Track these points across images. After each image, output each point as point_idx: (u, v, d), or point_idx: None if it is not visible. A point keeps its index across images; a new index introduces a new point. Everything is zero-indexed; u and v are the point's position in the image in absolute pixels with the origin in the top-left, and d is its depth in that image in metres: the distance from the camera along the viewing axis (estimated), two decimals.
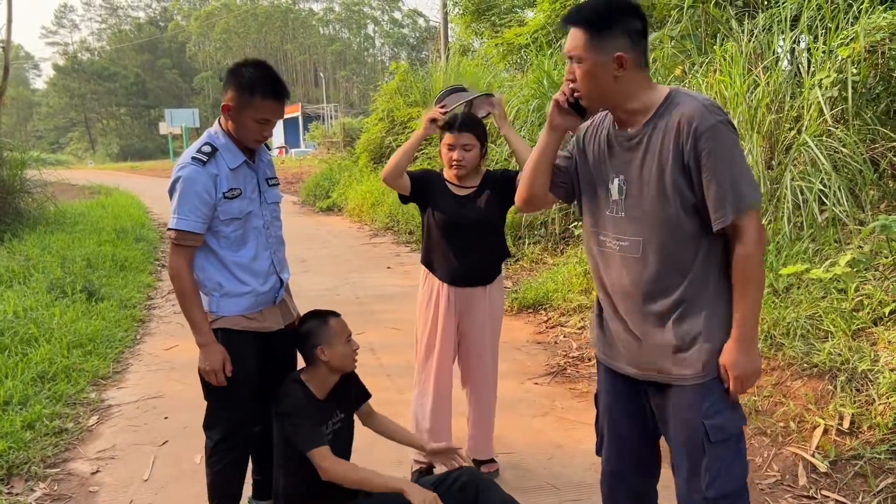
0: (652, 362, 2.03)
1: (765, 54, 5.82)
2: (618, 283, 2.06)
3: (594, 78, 1.92)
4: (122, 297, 7.11)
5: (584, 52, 1.91)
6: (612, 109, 2.02)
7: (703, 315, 1.95)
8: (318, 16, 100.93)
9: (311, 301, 7.07)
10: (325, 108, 51.79)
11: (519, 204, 2.26)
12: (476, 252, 3.28)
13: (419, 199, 3.34)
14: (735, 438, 2.00)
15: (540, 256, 7.96)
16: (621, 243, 2.02)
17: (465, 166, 3.22)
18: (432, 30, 70.99)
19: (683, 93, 1.95)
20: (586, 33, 1.90)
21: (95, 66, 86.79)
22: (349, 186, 15.57)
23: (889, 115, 5.25)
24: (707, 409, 1.96)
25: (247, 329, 2.68)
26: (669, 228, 1.94)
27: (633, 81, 1.94)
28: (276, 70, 2.66)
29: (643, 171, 1.95)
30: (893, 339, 3.64)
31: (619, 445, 2.24)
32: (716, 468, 1.97)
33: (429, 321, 3.32)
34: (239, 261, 2.66)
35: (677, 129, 1.88)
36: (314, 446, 2.51)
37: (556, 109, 2.05)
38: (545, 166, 2.14)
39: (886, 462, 3.14)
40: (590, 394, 4.57)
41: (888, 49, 4.97)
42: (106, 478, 3.63)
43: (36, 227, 10.29)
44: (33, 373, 4.70)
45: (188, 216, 2.52)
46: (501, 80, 11.94)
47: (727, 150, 1.85)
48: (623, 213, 2.01)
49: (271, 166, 2.89)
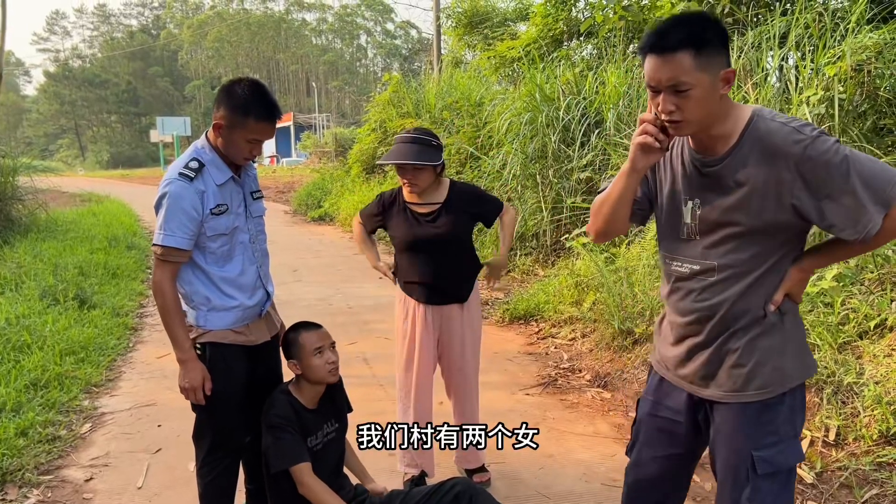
0: (710, 376, 1.98)
1: (754, 71, 5.92)
2: (686, 307, 1.99)
3: (705, 102, 1.75)
4: (115, 304, 7.11)
5: (692, 77, 1.71)
6: (701, 133, 1.85)
7: (769, 338, 1.90)
8: (311, 26, 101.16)
9: (304, 311, 7.12)
10: (317, 117, 51.89)
11: (594, 235, 2.15)
12: (445, 268, 3.28)
13: (384, 227, 3.42)
14: (784, 474, 1.92)
15: (531, 268, 8.01)
16: (693, 268, 1.94)
17: (418, 185, 3.21)
18: (425, 41, 71.24)
19: (766, 113, 1.81)
20: (692, 55, 1.70)
21: (87, 73, 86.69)
22: (341, 196, 15.60)
23: (875, 132, 5.35)
24: (758, 439, 1.89)
25: (234, 343, 2.68)
26: (750, 257, 1.85)
27: (728, 99, 1.82)
28: (269, 89, 2.64)
29: (722, 199, 1.85)
30: (878, 353, 3.71)
31: (650, 455, 2.18)
32: (757, 501, 1.89)
33: (406, 336, 3.36)
34: (226, 276, 2.65)
35: (774, 159, 1.75)
36: (294, 462, 2.53)
37: (639, 151, 1.86)
38: (625, 206, 2.00)
39: (871, 473, 3.20)
40: (580, 404, 4.63)
41: (874, 68, 5.07)
42: (99, 485, 3.64)
43: (27, 234, 10.26)
44: (26, 380, 4.71)
45: (174, 232, 2.50)
46: (494, 92, 12.02)
47: (837, 156, 1.71)
48: (699, 237, 1.92)
49: (255, 180, 2.88)
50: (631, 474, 2.26)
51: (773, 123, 1.77)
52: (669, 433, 2.12)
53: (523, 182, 8.43)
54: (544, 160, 8.15)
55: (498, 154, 9.16)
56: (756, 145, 1.77)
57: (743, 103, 2.05)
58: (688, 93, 1.73)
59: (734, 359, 1.91)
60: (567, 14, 10.47)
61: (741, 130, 1.80)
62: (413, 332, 3.34)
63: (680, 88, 1.73)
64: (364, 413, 2.97)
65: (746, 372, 1.90)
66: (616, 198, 1.99)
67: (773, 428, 1.89)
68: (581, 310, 5.99)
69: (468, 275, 3.40)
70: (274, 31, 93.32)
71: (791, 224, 1.81)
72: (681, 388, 2.07)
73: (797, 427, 1.95)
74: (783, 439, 1.90)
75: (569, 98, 8.19)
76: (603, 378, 4.99)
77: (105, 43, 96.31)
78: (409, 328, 3.35)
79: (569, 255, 7.23)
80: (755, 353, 1.89)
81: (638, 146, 1.86)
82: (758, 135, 1.78)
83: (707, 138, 1.85)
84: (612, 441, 4.01)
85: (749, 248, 1.84)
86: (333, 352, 2.70)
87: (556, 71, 9.00)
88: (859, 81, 5.17)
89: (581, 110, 7.96)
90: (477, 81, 13.62)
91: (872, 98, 5.25)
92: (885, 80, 5.18)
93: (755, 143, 1.78)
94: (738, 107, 1.84)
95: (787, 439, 1.90)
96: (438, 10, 19.81)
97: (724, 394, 1.94)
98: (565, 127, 8.02)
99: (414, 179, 3.19)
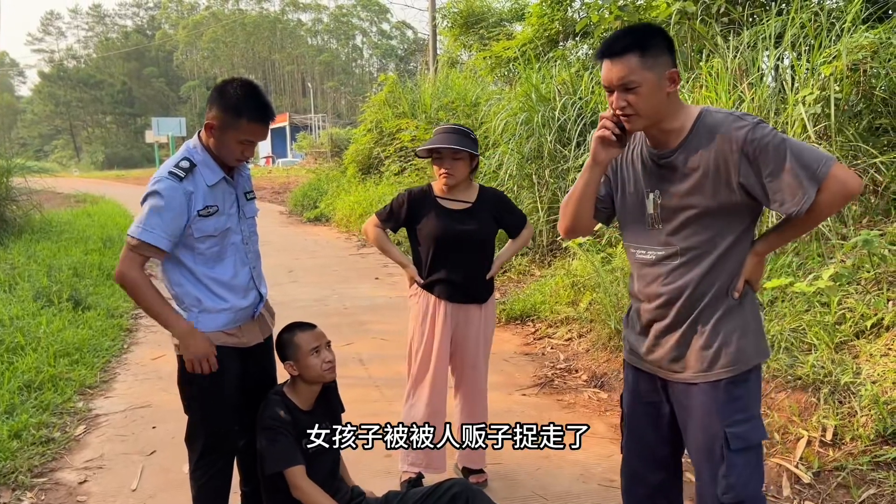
0: (679, 358, 2.11)
1: (750, 70, 5.92)
2: (652, 291, 2.13)
3: (651, 99, 1.97)
4: (109, 306, 7.08)
5: (639, 76, 1.94)
6: (653, 128, 2.05)
7: (731, 320, 2.05)
8: (307, 26, 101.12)
9: (299, 311, 7.10)
10: (312, 118, 51.82)
11: (563, 233, 2.36)
12: (472, 267, 3.33)
13: (408, 224, 3.39)
14: (755, 449, 2.06)
15: (528, 268, 8.01)
16: (658, 253, 2.10)
17: (454, 175, 3.26)
18: (421, 42, 71.24)
19: (713, 109, 2.03)
20: (637, 57, 1.94)
21: (81, 73, 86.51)
22: (337, 197, 15.59)
23: (871, 131, 5.35)
24: (729, 416, 2.02)
25: (225, 344, 2.64)
26: (708, 241, 2.03)
27: (676, 98, 2.03)
28: (262, 90, 2.61)
29: (682, 186, 2.02)
30: (875, 352, 3.70)
31: (639, 445, 2.30)
32: (734, 475, 2.02)
33: (424, 336, 3.35)
34: (217, 277, 2.62)
35: (720, 147, 1.95)
36: (288, 465, 2.52)
37: (600, 145, 2.11)
38: (588, 200, 2.22)
39: (868, 473, 3.19)
40: (577, 404, 4.62)
41: (870, 67, 5.08)
42: (94, 487, 3.62)
43: (21, 235, 10.23)
44: (19, 382, 4.68)
45: (154, 229, 2.45)
46: (490, 92, 12.02)
47: (775, 139, 1.91)
48: (661, 226, 2.09)
49: (249, 180, 2.85)
50: (626, 467, 2.36)
51: (718, 115, 2.00)
52: (655, 418, 2.24)
53: (519, 182, 8.42)
54: (540, 160, 8.15)
55: (494, 154, 9.16)
56: (705, 134, 1.99)
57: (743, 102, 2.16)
58: (636, 90, 1.96)
59: (702, 340, 2.06)
60: (563, 14, 10.46)
61: (691, 124, 2.01)
62: (433, 330, 3.34)
63: (629, 86, 1.96)
64: (360, 414, 2.94)
65: (713, 352, 2.04)
66: (580, 191, 2.22)
67: (742, 405, 2.05)
68: (577, 310, 5.98)
69: (490, 277, 3.44)
70: (269, 31, 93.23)
71: (742, 204, 2.00)
72: (653, 374, 2.21)
73: (759, 406, 2.13)
74: (753, 416, 2.07)
75: (565, 98, 8.19)
76: (599, 378, 4.98)
77: (100, 43, 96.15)
78: (429, 327, 3.34)
79: (565, 255, 7.23)
80: (720, 333, 2.04)
81: (597, 139, 2.10)
82: (705, 125, 2.00)
83: (660, 133, 2.05)
84: (609, 441, 4.00)
85: (707, 230, 2.02)
86: (329, 350, 2.69)
87: (551, 71, 8.99)
88: (855, 81, 5.18)
89: (577, 110, 7.95)
90: (473, 82, 13.63)
91: (868, 98, 5.26)
92: (880, 79, 5.18)
93: (704, 133, 1.99)
94: (689, 107, 2.07)
95: (755, 416, 2.07)
96: (434, 10, 19.80)
97: (694, 374, 2.07)
98: (561, 127, 8.02)
99: (451, 169, 3.25)
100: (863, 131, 5.25)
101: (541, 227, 7.88)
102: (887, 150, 5.12)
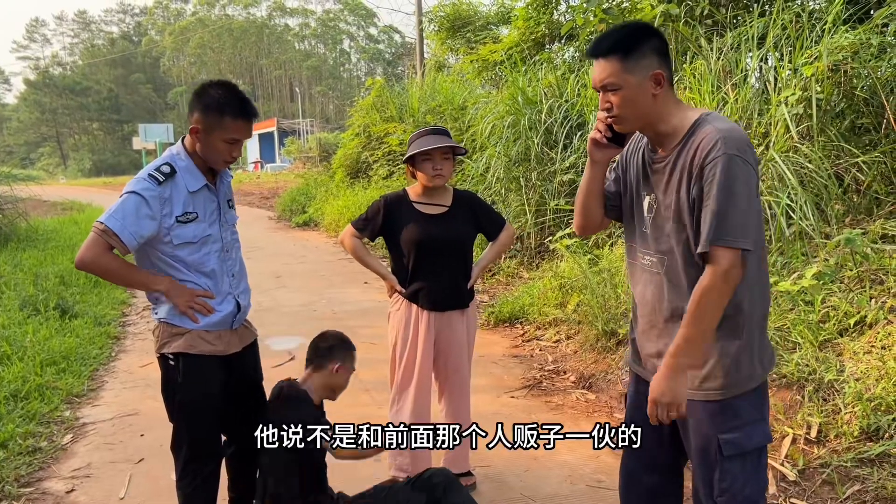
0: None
1: (733, 72, 5.96)
2: (643, 297, 2.12)
3: (633, 101, 1.94)
4: (97, 314, 7.05)
5: (619, 78, 1.92)
6: (647, 130, 2.03)
7: (720, 335, 1.94)
8: (294, 31, 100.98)
9: (287, 317, 7.10)
10: (300, 123, 51.77)
11: (577, 231, 2.36)
12: (454, 272, 3.33)
13: (386, 232, 3.38)
14: (753, 455, 1.99)
15: (516, 271, 8.02)
16: (649, 258, 2.08)
17: (443, 175, 3.27)
18: (408, 46, 71.19)
19: (712, 118, 1.94)
20: (618, 59, 1.92)
21: (67, 80, 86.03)
22: (325, 202, 15.55)
23: (852, 131, 5.40)
24: (723, 424, 1.96)
25: (202, 353, 2.63)
26: (684, 251, 1.96)
27: (668, 100, 1.97)
28: (240, 89, 2.62)
29: (667, 193, 1.99)
30: (858, 350, 3.74)
31: (638, 447, 2.26)
32: (727, 481, 1.97)
33: (408, 343, 3.35)
34: (196, 282, 2.62)
35: (693, 156, 1.89)
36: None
37: (593, 146, 2.11)
38: (594, 197, 2.22)
39: (853, 470, 3.22)
40: (565, 406, 4.64)
41: (850, 68, 5.12)
42: (81, 496, 3.60)
43: (7, 243, 10.18)
44: (6, 391, 4.65)
45: (121, 220, 2.45)
46: (477, 96, 12.05)
47: (729, 182, 1.81)
48: (650, 230, 2.07)
49: (230, 188, 2.85)
50: (623, 468, 2.34)
51: (709, 127, 1.89)
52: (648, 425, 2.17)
53: (507, 185, 8.44)
54: (527, 163, 8.17)
55: (481, 157, 9.18)
56: (691, 143, 1.92)
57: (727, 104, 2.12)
58: (618, 92, 1.94)
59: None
60: (549, 17, 10.51)
61: (686, 130, 1.95)
62: (416, 337, 3.34)
63: (610, 88, 1.95)
64: (350, 417, 2.93)
65: (705, 372, 1.97)
66: (584, 189, 2.22)
67: (737, 412, 1.97)
68: (565, 312, 6.00)
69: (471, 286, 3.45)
70: (256, 36, 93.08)
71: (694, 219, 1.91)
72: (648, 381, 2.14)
73: (764, 412, 2.04)
74: (748, 422, 1.98)
75: (551, 101, 8.22)
76: (587, 379, 5.00)
77: (86, 50, 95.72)
78: (412, 334, 3.34)
79: (553, 257, 7.25)
80: (714, 351, 1.95)
81: (590, 141, 2.13)
82: (694, 134, 1.92)
83: (655, 136, 2.02)
84: None
85: (680, 235, 1.96)
86: None
87: (538, 74, 9.03)
88: (836, 81, 5.23)
89: (563, 113, 7.99)
90: (460, 85, 13.64)
91: (849, 98, 5.31)
92: (861, 79, 5.23)
93: (691, 141, 1.92)
94: (689, 110, 2.00)
95: (752, 422, 1.99)
96: (421, 14, 19.84)
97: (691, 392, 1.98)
98: (548, 129, 8.05)
99: (442, 169, 3.27)
100: (845, 131, 5.30)
101: (528, 230, 7.90)
102: (869, 149, 5.17)
